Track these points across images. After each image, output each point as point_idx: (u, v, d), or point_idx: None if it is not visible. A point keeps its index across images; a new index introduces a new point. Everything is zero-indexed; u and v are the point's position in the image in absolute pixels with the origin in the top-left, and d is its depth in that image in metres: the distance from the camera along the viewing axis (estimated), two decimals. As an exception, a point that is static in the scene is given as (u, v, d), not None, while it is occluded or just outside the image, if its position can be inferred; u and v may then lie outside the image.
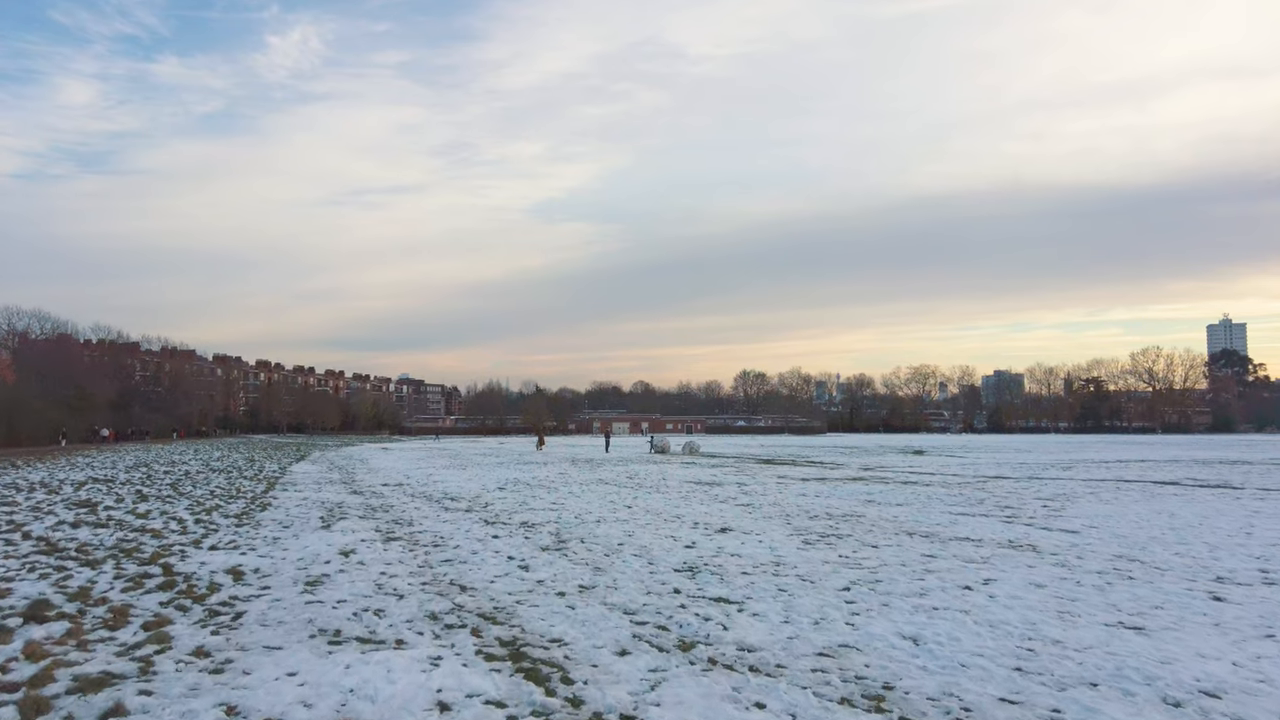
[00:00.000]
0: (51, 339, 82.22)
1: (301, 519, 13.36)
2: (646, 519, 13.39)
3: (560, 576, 8.24)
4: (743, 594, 7.36)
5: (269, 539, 10.90)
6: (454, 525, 12.60)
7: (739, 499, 17.09)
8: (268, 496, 17.73)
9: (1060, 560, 9.16)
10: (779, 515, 13.93)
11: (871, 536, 11.24)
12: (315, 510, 14.80)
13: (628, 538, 11.09)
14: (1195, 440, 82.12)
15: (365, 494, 18.82)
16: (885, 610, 6.71)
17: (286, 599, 7.11)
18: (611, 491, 19.15)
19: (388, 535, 11.41)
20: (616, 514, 14.16)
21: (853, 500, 16.80)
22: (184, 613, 6.56)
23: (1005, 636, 5.89)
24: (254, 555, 9.49)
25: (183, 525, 12.23)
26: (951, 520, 13.28)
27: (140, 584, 7.65)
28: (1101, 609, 6.72)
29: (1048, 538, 11.14)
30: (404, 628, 6.17)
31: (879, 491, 19.06)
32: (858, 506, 15.52)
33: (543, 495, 18.11)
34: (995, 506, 15.55)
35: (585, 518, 13.55)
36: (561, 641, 5.83)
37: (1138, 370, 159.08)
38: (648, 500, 16.85)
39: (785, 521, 13.03)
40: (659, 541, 10.69)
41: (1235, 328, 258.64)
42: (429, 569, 8.76)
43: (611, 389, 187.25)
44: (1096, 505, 15.81)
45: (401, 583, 7.94)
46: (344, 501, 16.77)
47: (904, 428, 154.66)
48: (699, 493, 18.73)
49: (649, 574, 8.36)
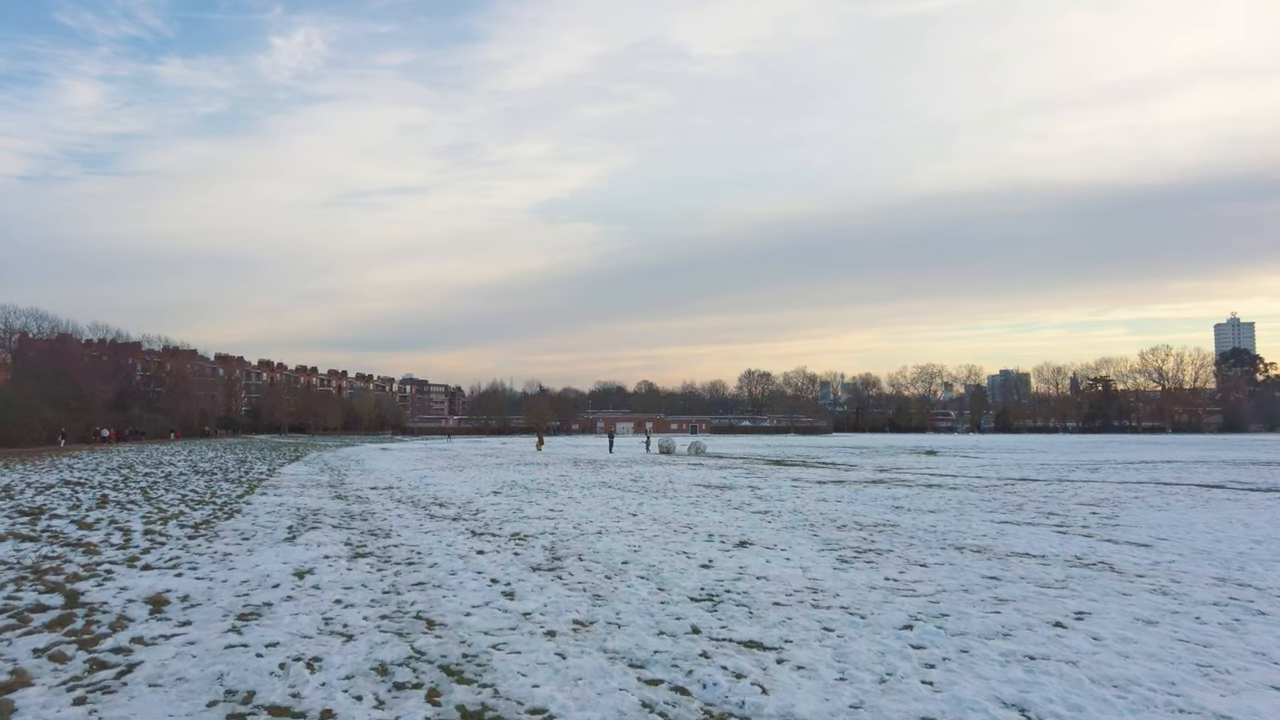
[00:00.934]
0: (52, 339, 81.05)
1: (267, 529, 11.89)
2: (654, 530, 11.88)
3: (551, 608, 6.74)
4: (779, 635, 5.86)
5: (218, 555, 9.42)
6: (436, 537, 11.11)
7: (754, 505, 15.58)
8: (242, 502, 16.28)
9: (1155, 585, 7.62)
10: (803, 525, 12.40)
11: (915, 552, 9.72)
12: (286, 518, 13.34)
13: (633, 554, 9.59)
14: (1210, 440, 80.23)
15: (349, 499, 17.36)
16: (967, 660, 5.20)
17: (204, 641, 5.63)
18: (615, 496, 17.65)
19: (357, 550, 9.92)
20: (620, 523, 12.65)
21: (879, 507, 15.27)
22: (59, 665, 5.07)
23: (1147, 707, 4.37)
24: (190, 577, 8.02)
25: (127, 538, 10.76)
26: (998, 531, 11.75)
27: (26, 620, 6.16)
28: (1252, 660, 5.18)
29: (1119, 553, 9.61)
30: (339, 689, 4.67)
31: (904, 496, 17.53)
32: (887, 514, 14.00)
33: (540, 501, 16.62)
34: (1038, 513, 14.02)
35: (585, 528, 12.05)
36: (544, 712, 4.34)
37: (1147, 369, 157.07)
38: (654, 507, 15.34)
39: (811, 532, 11.52)
40: (670, 559, 9.17)
41: (1243, 327, 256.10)
42: (394, 595, 7.28)
43: (615, 389, 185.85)
44: (1150, 512, 14.27)
45: (356, 616, 6.45)
46: (322, 508, 15.30)
47: (910, 428, 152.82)
48: (710, 498, 17.21)
49: (660, 605, 6.86)
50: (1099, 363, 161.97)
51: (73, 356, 78.98)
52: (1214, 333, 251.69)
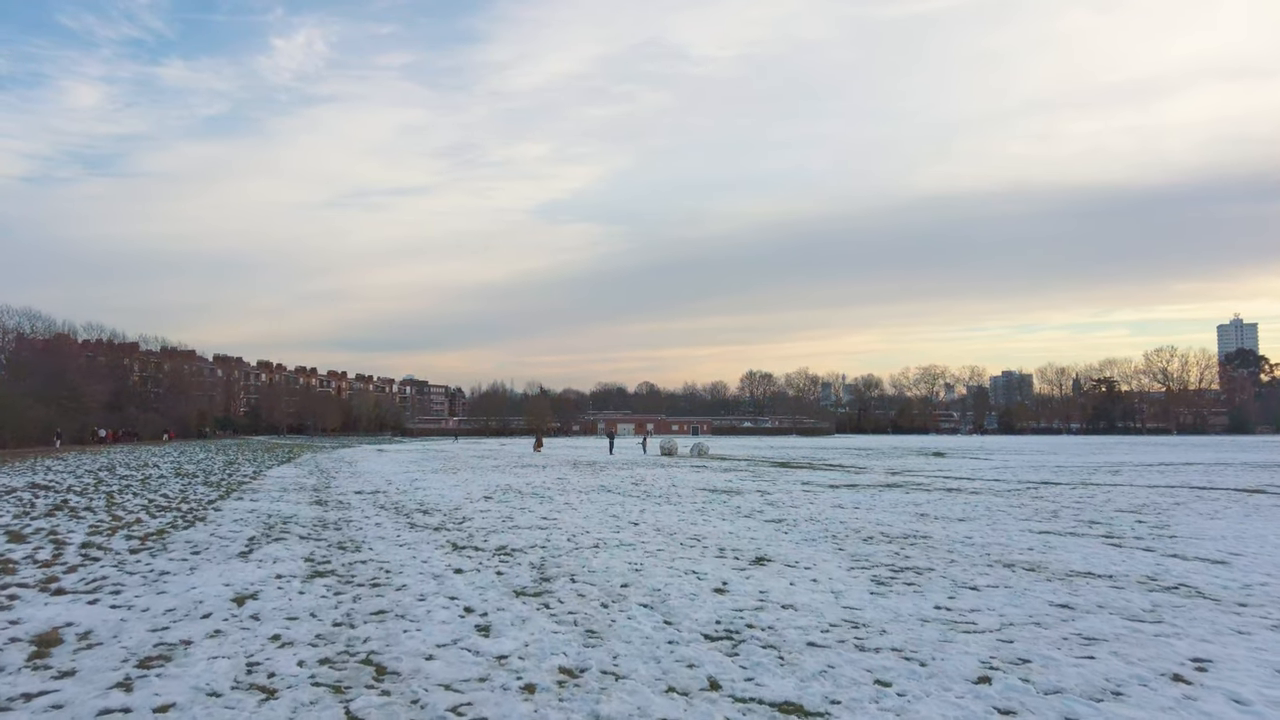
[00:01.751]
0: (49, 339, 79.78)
1: (224, 541, 10.60)
2: (658, 542, 10.58)
3: (534, 649, 5.45)
4: (821, 692, 4.56)
5: (153, 575, 8.12)
6: (412, 551, 9.82)
7: (766, 513, 14.28)
8: (210, 508, 15.00)
9: (1268, 618, 6.31)
10: (824, 536, 11.10)
11: (959, 570, 8.42)
12: (252, 528, 12.05)
13: (634, 573, 8.29)
14: (1218, 442, 78.77)
15: (329, 504, 16.08)
16: (1078, 735, 3.91)
17: (76, 703, 4.34)
18: (615, 502, 16.36)
19: (318, 567, 8.63)
20: (620, 534, 11.36)
21: (903, 514, 13.98)
22: None
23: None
24: (106, 605, 6.73)
25: (57, 553, 9.46)
26: (1043, 543, 10.45)
27: None
28: None
29: (1196, 573, 8.31)
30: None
31: (926, 502, 16.23)
32: (913, 522, 12.71)
33: (533, 507, 15.33)
34: (1077, 522, 12.72)
35: (580, 540, 10.75)
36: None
37: (1152, 370, 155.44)
38: (657, 514, 14.05)
39: (835, 546, 10.22)
40: (677, 581, 7.87)
41: (1247, 328, 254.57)
42: (346, 629, 6.00)
43: (616, 390, 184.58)
44: (1202, 521, 12.96)
45: (289, 660, 5.17)
46: (296, 515, 14.02)
47: (913, 429, 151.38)
48: (717, 504, 15.91)
49: (667, 645, 5.56)
50: (1103, 364, 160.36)
51: (68, 357, 77.72)
52: (1217, 334, 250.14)
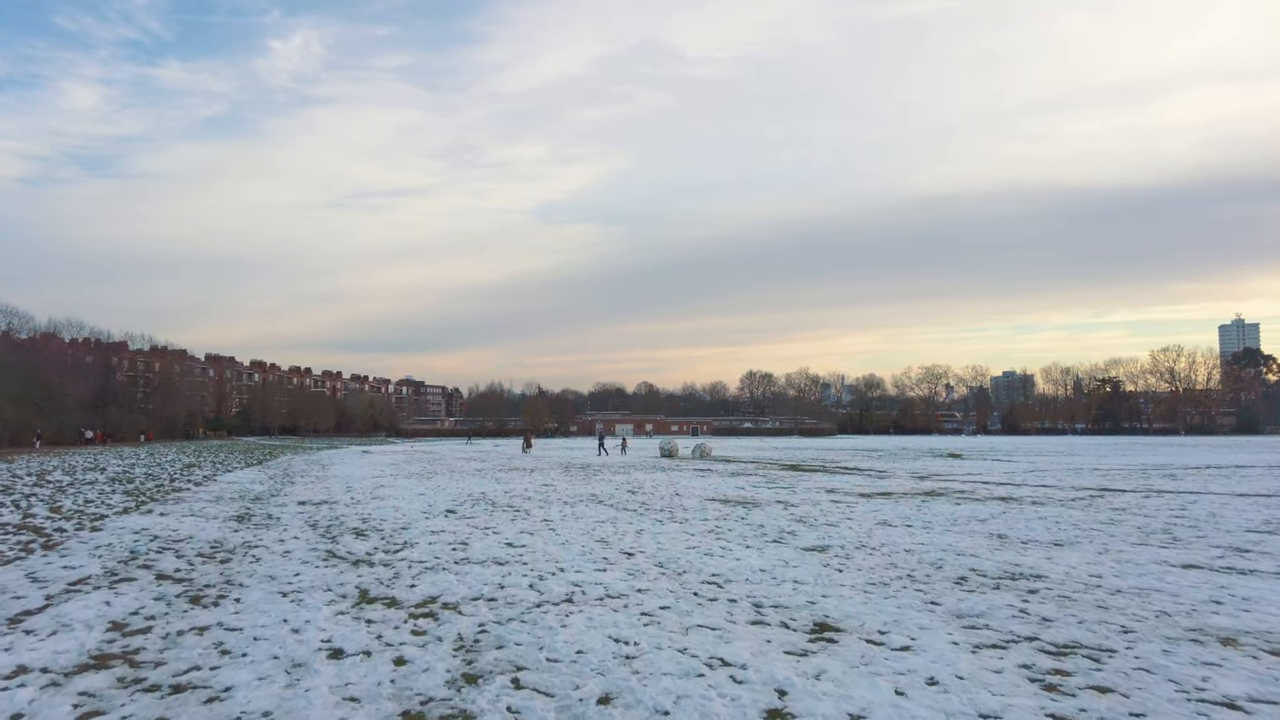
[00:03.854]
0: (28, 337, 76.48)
1: (37, 585, 7.38)
2: (660, 591, 7.33)
3: None
4: None
5: None
6: (295, 606, 6.60)
7: (800, 535, 11.07)
8: (86, 529, 11.77)
9: None
10: (896, 577, 7.86)
11: (1153, 651, 5.21)
12: (102, 562, 8.81)
13: (621, 665, 5.03)
14: (1234, 442, 75.57)
15: (250, 521, 12.89)
16: None
17: None
18: (605, 519, 13.11)
19: (112, 645, 5.41)
20: (606, 574, 8.11)
21: (974, 536, 10.77)
22: None
23: None
24: None
25: None
26: (1211, 586, 7.24)
27: None
28: None
29: None
30: None
31: (990, 517, 13.03)
32: (998, 550, 9.51)
33: (501, 527, 12.10)
34: (1214, 547, 9.52)
35: (549, 586, 7.51)
36: None
37: (1158, 370, 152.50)
38: (659, 538, 10.81)
39: (921, 595, 6.99)
40: (696, 688, 4.62)
41: (1248, 328, 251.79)
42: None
43: (615, 390, 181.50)
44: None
45: None
46: (190, 538, 10.81)
47: (915, 429, 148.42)
48: (734, 522, 12.69)
49: None
50: (1108, 363, 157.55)
51: (47, 355, 74.44)
52: (1219, 334, 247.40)
